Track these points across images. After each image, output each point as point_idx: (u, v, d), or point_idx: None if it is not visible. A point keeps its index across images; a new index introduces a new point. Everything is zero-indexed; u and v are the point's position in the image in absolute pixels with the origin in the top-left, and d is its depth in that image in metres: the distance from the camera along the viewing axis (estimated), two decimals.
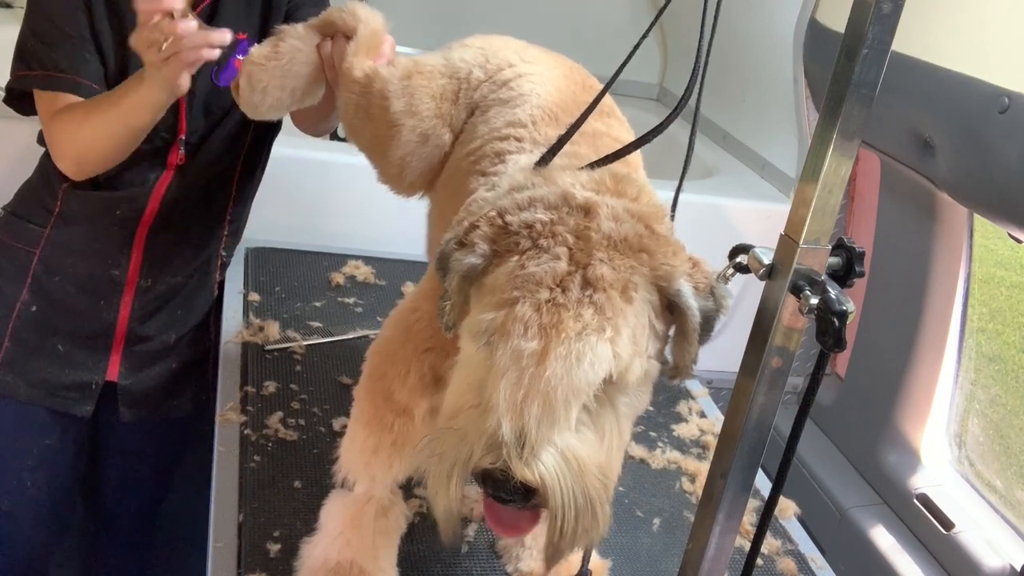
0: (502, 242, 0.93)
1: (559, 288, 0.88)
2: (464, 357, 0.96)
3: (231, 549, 1.27)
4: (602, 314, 0.88)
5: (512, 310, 0.87)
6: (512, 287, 0.89)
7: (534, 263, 0.90)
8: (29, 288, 1.69)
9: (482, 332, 0.90)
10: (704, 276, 0.96)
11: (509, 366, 0.86)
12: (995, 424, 2.05)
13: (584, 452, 0.89)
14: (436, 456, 0.91)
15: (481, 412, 0.88)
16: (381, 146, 1.42)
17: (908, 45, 1.59)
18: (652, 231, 0.95)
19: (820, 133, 0.87)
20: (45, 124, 1.57)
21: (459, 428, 0.90)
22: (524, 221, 0.93)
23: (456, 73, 1.40)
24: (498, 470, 0.86)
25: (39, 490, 1.82)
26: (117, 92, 1.48)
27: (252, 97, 1.46)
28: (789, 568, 1.43)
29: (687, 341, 0.96)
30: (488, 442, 0.86)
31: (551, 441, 0.86)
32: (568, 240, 0.91)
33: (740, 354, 0.95)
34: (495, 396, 0.86)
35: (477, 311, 0.93)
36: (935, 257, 1.95)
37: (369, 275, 2.03)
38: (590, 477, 0.89)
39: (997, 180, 1.46)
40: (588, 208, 0.94)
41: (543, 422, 0.85)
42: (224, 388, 1.60)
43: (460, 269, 0.95)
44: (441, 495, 0.92)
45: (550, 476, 0.86)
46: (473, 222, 0.97)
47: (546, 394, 0.85)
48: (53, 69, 1.53)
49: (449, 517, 0.94)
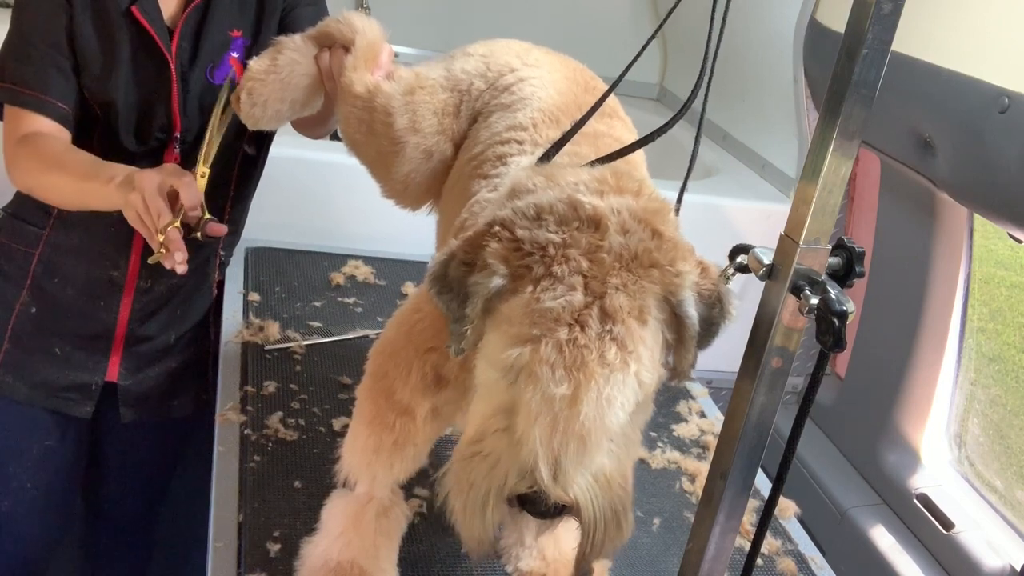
0: (515, 263, 0.93)
1: (578, 325, 0.89)
2: (483, 382, 0.97)
3: (231, 549, 1.27)
4: (624, 349, 0.89)
5: (536, 349, 0.88)
6: (530, 322, 0.90)
7: (550, 296, 0.90)
8: (28, 289, 1.69)
9: (509, 369, 0.91)
10: (711, 283, 0.97)
11: (542, 409, 0.88)
12: (995, 424, 2.05)
13: (610, 468, 0.92)
14: (466, 486, 0.93)
15: (511, 440, 0.90)
16: (385, 162, 1.43)
17: (908, 45, 1.59)
18: (660, 236, 0.95)
19: (820, 133, 0.87)
20: (8, 144, 1.57)
21: (488, 454, 0.92)
22: (535, 240, 0.92)
23: (458, 86, 1.40)
24: (534, 493, 0.89)
25: (39, 491, 1.82)
26: (88, 169, 1.48)
27: (253, 111, 1.51)
28: (789, 568, 1.44)
29: (684, 347, 0.97)
30: (523, 469, 0.89)
31: (584, 467, 0.90)
32: (582, 266, 0.91)
33: (740, 354, 0.95)
34: (529, 438, 0.88)
35: (495, 339, 0.93)
36: (935, 257, 1.95)
37: (369, 275, 2.03)
38: (616, 488, 0.92)
39: (997, 180, 1.46)
40: (597, 220, 0.94)
41: (578, 458, 0.89)
42: (224, 388, 1.60)
43: (485, 293, 0.93)
44: (476, 524, 0.93)
45: (583, 496, 0.90)
46: (474, 239, 0.96)
47: (580, 436, 0.88)
48: (21, 84, 1.54)
49: (483, 545, 0.95)
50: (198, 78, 1.63)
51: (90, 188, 1.47)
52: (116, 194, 1.42)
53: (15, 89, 1.54)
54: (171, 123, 1.63)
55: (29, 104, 1.54)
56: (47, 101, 1.54)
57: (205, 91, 1.65)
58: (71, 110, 1.57)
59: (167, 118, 1.63)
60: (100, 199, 1.47)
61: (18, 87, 1.54)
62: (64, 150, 1.53)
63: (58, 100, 1.55)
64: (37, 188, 1.56)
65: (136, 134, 1.62)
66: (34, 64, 1.54)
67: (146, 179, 1.39)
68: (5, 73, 1.55)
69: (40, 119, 1.54)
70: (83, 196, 1.50)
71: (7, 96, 1.56)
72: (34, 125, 1.54)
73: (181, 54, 1.61)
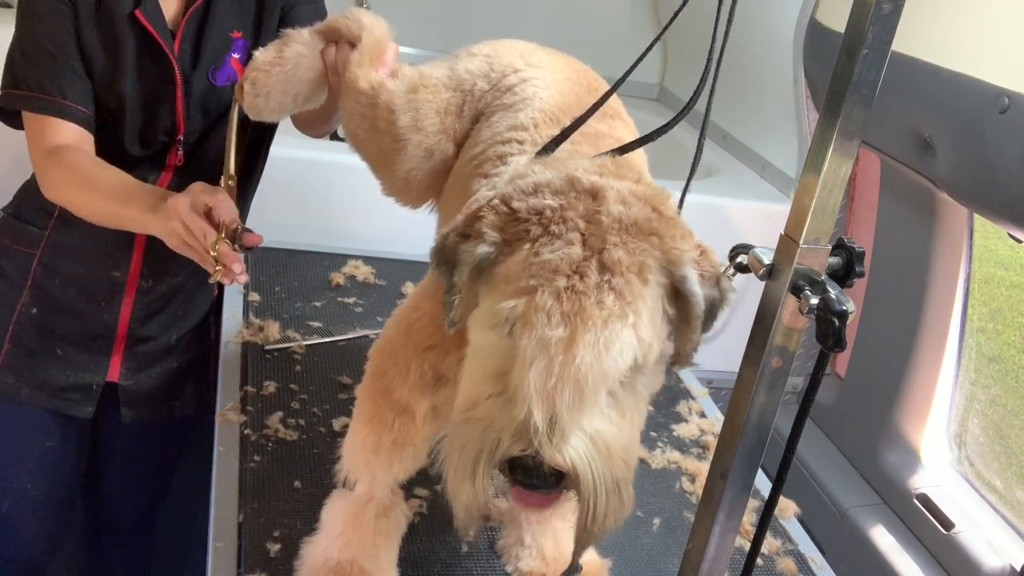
0: (510, 230, 0.92)
1: (576, 275, 0.87)
2: (477, 347, 0.95)
3: (231, 549, 1.27)
4: (623, 299, 0.87)
5: (532, 298, 0.87)
6: (528, 275, 0.88)
7: (548, 249, 0.89)
8: (29, 290, 1.69)
9: (503, 321, 0.89)
10: (711, 265, 0.96)
11: (537, 354, 0.85)
12: (995, 424, 2.05)
13: (610, 434, 0.89)
14: (457, 449, 0.90)
15: (506, 401, 0.88)
16: (386, 159, 1.43)
17: (908, 45, 1.59)
18: (660, 213, 0.94)
19: (820, 133, 0.87)
20: (37, 154, 1.55)
21: (482, 418, 0.89)
22: (532, 207, 0.92)
23: (461, 85, 1.40)
24: (528, 457, 0.86)
25: (40, 492, 1.82)
26: (120, 192, 1.48)
27: (256, 101, 1.50)
28: (789, 568, 1.44)
29: (690, 328, 0.96)
30: (517, 429, 0.86)
31: (580, 426, 0.87)
32: (579, 225, 0.90)
33: (740, 354, 0.95)
34: (524, 384, 0.85)
35: (492, 301, 0.92)
36: (935, 257, 1.95)
37: (369, 275, 2.03)
38: (616, 459, 0.90)
39: (997, 180, 1.46)
40: (595, 192, 0.93)
41: (574, 408, 0.85)
42: (224, 388, 1.60)
43: (471, 260, 0.94)
44: (466, 488, 0.90)
45: (581, 461, 0.87)
46: (474, 212, 0.96)
47: (576, 380, 0.85)
48: (39, 91, 1.52)
49: (471, 512, 0.92)
50: (200, 80, 1.63)
51: (125, 214, 1.47)
52: (153, 223, 1.43)
53: (33, 96, 1.53)
54: (175, 126, 1.63)
55: (50, 110, 1.52)
56: (68, 106, 1.53)
57: (207, 93, 1.65)
58: (91, 112, 1.56)
59: (171, 122, 1.63)
60: (136, 226, 1.50)
61: (35, 93, 1.53)
62: (93, 167, 1.51)
63: (79, 104, 1.54)
64: (70, 204, 1.56)
65: (140, 138, 1.62)
66: (49, 69, 1.52)
67: (180, 205, 1.38)
68: (19, 80, 1.53)
69: (63, 124, 1.53)
70: (118, 220, 1.51)
71: (26, 104, 1.54)
72: (59, 132, 1.52)
73: (183, 56, 1.61)
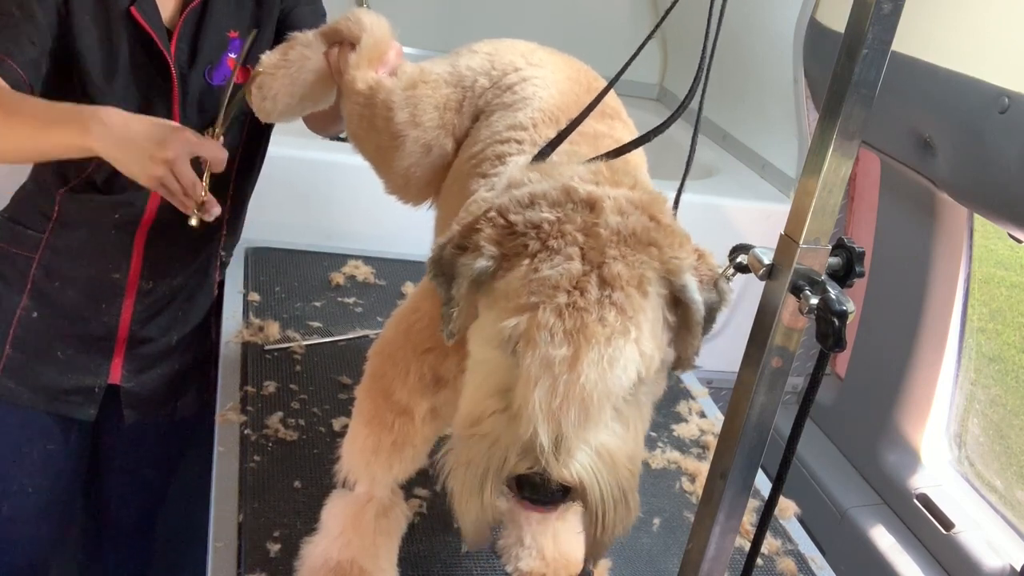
0: (508, 244, 0.92)
1: (577, 290, 0.87)
2: (478, 361, 0.95)
3: (231, 549, 1.27)
4: (624, 314, 0.87)
5: (534, 316, 0.87)
6: (528, 292, 0.88)
7: (547, 265, 0.89)
8: (29, 294, 1.69)
9: (506, 340, 0.89)
10: (709, 268, 0.96)
11: (541, 374, 0.85)
12: (995, 424, 2.05)
13: (615, 446, 0.90)
14: (463, 465, 0.91)
15: (510, 418, 0.88)
16: (385, 157, 1.43)
17: (908, 45, 1.59)
18: (658, 221, 0.94)
19: (820, 133, 0.87)
20: None
21: (486, 434, 0.89)
22: (530, 220, 0.92)
23: (461, 82, 1.40)
24: (536, 475, 0.86)
25: (41, 495, 1.82)
26: (49, 114, 1.38)
27: (264, 104, 1.52)
28: (789, 568, 1.44)
29: (691, 334, 0.96)
30: (523, 447, 0.86)
31: (585, 441, 0.87)
32: (578, 239, 0.90)
33: (740, 354, 0.95)
34: (529, 404, 0.85)
35: (493, 317, 0.92)
36: (935, 257, 1.95)
37: (369, 275, 2.03)
38: (621, 469, 0.90)
39: (997, 180, 1.46)
40: (592, 203, 0.93)
41: (580, 426, 0.86)
42: (224, 388, 1.60)
43: (470, 274, 0.93)
44: (474, 504, 0.90)
45: (587, 475, 0.87)
46: (471, 224, 0.96)
47: (582, 399, 0.85)
48: None
49: (481, 528, 0.93)
50: (197, 79, 1.63)
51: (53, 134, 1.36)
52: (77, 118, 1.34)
53: None
54: None
55: None
56: (7, 64, 1.44)
57: (204, 92, 1.64)
58: (30, 81, 1.47)
59: None
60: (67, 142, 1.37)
61: None
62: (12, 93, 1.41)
63: (20, 68, 1.46)
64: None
65: None
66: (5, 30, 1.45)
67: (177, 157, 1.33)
68: None
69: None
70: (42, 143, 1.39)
71: None
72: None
73: (180, 55, 1.60)
